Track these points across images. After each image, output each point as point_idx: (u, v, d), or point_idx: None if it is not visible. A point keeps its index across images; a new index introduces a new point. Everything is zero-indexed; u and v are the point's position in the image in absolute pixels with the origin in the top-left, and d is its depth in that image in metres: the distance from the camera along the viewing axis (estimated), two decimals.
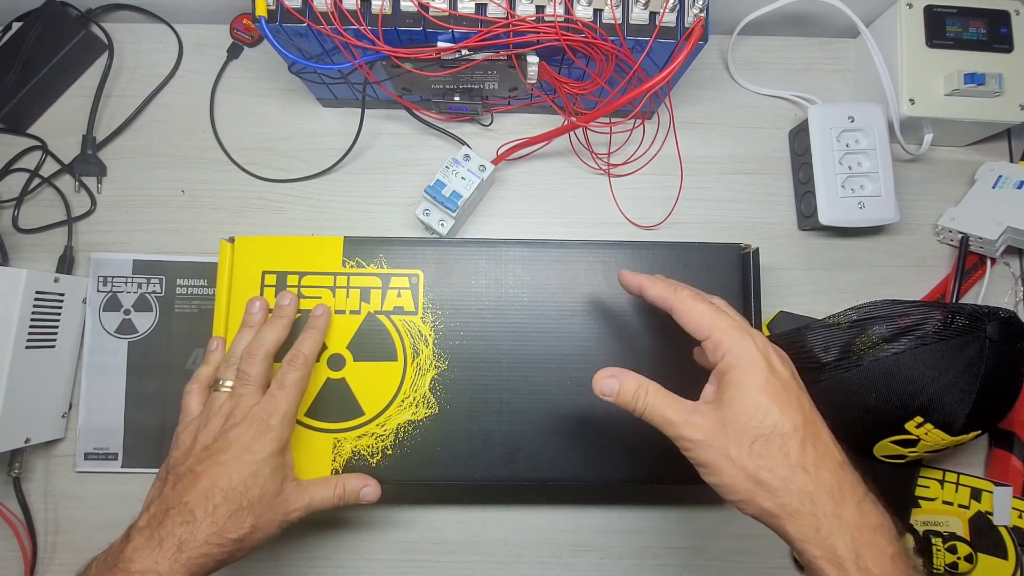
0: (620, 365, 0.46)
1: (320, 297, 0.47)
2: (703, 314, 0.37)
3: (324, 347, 0.47)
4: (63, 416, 0.54)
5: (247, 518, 0.38)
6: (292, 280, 0.47)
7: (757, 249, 0.49)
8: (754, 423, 0.33)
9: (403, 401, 0.47)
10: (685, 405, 0.36)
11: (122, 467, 0.53)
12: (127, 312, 0.55)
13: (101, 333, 0.54)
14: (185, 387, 0.45)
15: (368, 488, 0.45)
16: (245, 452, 0.40)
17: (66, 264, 0.55)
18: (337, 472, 0.46)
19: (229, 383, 0.43)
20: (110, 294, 0.55)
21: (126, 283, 0.55)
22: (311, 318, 0.46)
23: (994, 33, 0.55)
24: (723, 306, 0.39)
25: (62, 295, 0.52)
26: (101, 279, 0.55)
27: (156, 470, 0.53)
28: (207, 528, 0.37)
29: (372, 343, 0.47)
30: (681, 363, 0.47)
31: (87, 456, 0.53)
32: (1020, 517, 0.53)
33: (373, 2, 0.44)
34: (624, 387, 0.37)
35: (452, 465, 0.47)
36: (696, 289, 0.39)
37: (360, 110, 0.54)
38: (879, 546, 0.30)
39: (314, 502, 0.43)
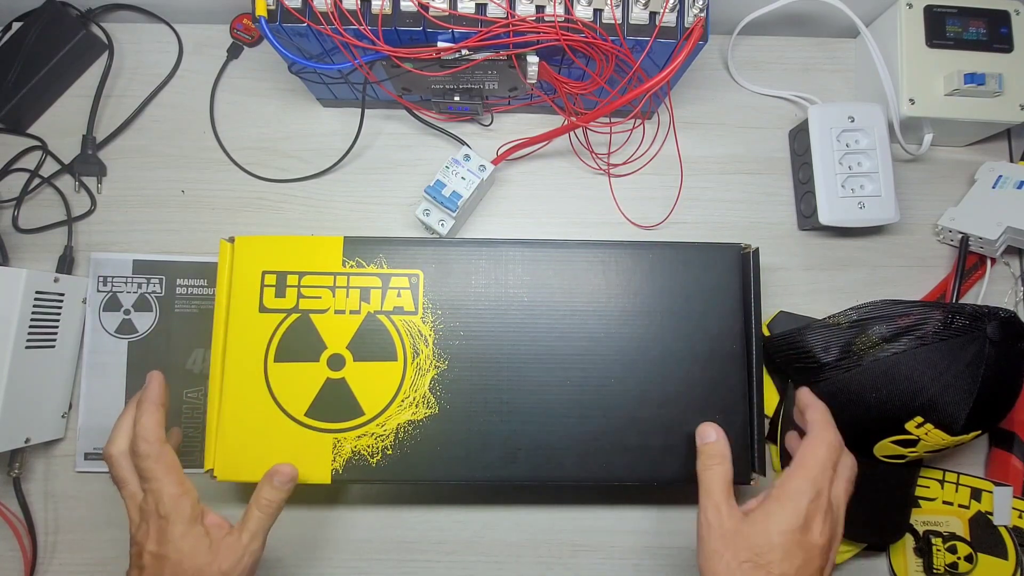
0: (619, 364, 0.47)
1: (320, 297, 0.47)
2: (809, 455, 0.41)
3: (325, 347, 0.47)
4: (63, 416, 0.54)
5: None
6: (292, 280, 0.47)
7: (757, 249, 0.49)
8: (756, 550, 0.38)
9: (403, 401, 0.47)
10: (730, 498, 0.41)
11: None
12: (127, 312, 0.55)
13: (101, 333, 0.54)
14: None
15: (277, 476, 0.43)
16: (160, 549, 0.40)
17: (66, 264, 0.55)
18: (337, 472, 0.46)
19: None
20: (110, 294, 0.55)
21: (126, 283, 0.55)
22: (142, 391, 0.44)
23: (994, 33, 0.55)
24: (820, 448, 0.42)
25: (62, 295, 0.52)
26: (101, 279, 0.55)
27: None
28: None
29: (372, 343, 0.47)
30: (677, 364, 0.47)
31: (87, 456, 0.53)
32: (1020, 517, 0.53)
33: (373, 2, 0.44)
34: (715, 444, 0.44)
35: (452, 465, 0.47)
36: (832, 430, 0.43)
37: (360, 110, 0.54)
38: None
39: (254, 530, 0.42)
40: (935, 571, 0.51)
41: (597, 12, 0.45)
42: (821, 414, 0.44)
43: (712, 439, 0.44)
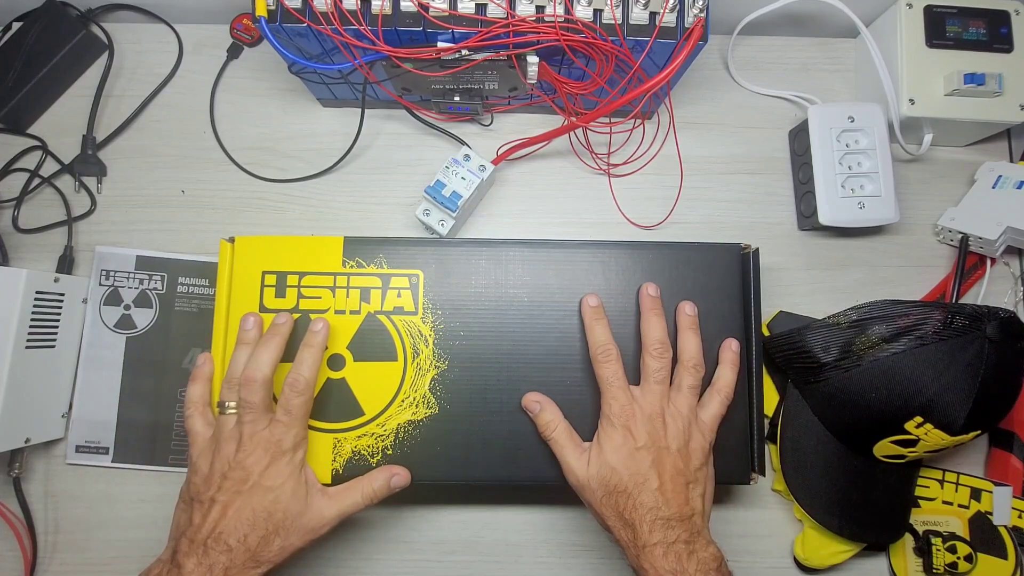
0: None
1: (320, 297, 0.47)
2: (602, 378, 0.45)
3: (325, 347, 0.47)
4: (63, 416, 0.54)
5: (275, 540, 0.41)
6: (292, 280, 0.47)
7: (757, 249, 0.49)
8: (606, 483, 0.42)
9: (403, 401, 0.47)
10: (577, 449, 0.44)
11: (112, 462, 0.53)
12: (127, 308, 0.55)
13: (100, 327, 0.54)
14: (184, 412, 0.46)
15: (396, 477, 0.46)
16: (264, 479, 0.41)
17: (66, 264, 0.55)
18: (337, 472, 0.46)
19: (233, 405, 0.43)
20: (112, 288, 0.55)
21: (128, 278, 0.55)
22: (309, 334, 0.45)
23: (994, 33, 0.55)
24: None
25: (62, 295, 0.52)
26: (104, 272, 0.55)
27: (146, 467, 0.54)
28: (242, 555, 0.40)
29: (372, 343, 0.47)
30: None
31: (78, 448, 0.53)
32: (1020, 517, 0.53)
33: (373, 2, 0.44)
34: (542, 414, 0.46)
35: (452, 465, 0.47)
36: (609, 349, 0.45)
37: (360, 110, 0.54)
38: (655, 556, 0.40)
39: (345, 509, 0.44)
40: (935, 571, 0.51)
41: (597, 12, 0.45)
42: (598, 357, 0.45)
43: (537, 409, 0.46)
